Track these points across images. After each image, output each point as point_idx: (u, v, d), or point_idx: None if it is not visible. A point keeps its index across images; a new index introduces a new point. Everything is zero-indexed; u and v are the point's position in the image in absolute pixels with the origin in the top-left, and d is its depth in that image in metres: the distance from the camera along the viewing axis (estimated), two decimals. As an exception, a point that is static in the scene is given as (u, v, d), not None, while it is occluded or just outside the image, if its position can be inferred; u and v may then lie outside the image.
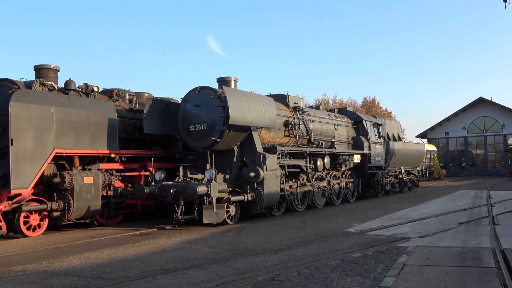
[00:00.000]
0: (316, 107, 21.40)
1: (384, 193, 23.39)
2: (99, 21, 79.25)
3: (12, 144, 11.21)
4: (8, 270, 7.92)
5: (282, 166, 15.03)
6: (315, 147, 17.47)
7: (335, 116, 20.29)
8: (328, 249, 8.87)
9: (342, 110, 22.61)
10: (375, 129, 22.36)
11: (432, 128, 52.56)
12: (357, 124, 21.48)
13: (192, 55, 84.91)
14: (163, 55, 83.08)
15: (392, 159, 23.95)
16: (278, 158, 14.83)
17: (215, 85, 14.99)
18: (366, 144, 20.99)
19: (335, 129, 19.37)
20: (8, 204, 11.40)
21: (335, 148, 18.91)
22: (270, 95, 16.64)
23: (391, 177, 24.60)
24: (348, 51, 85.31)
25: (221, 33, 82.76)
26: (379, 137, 22.61)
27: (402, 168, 25.79)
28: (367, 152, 20.94)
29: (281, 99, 16.80)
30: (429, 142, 50.05)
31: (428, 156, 40.92)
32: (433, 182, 37.67)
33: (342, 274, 6.76)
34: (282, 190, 14.91)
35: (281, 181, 14.88)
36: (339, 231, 11.23)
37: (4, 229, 11.49)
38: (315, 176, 17.42)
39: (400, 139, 26.76)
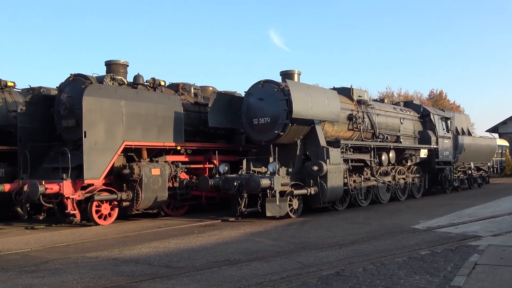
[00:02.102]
0: (381, 100, 20.91)
1: (452, 190, 22.54)
2: (165, 19, 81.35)
3: (85, 137, 11.73)
4: (83, 256, 8.33)
5: (345, 160, 14.82)
6: (379, 141, 17.11)
7: (400, 109, 19.75)
8: (394, 246, 8.68)
9: (408, 104, 21.99)
10: (443, 123, 21.60)
11: (504, 122, 49.90)
12: (424, 117, 20.82)
13: (255, 50, 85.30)
14: (226, 50, 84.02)
15: (461, 154, 23.04)
16: (342, 152, 14.64)
17: (278, 79, 15.00)
18: (433, 138, 20.31)
19: (401, 123, 18.87)
20: (82, 193, 11.99)
21: (400, 142, 18.42)
22: (334, 88, 16.43)
23: (459, 173, 23.69)
24: (413, 42, 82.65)
25: (283, 27, 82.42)
26: (447, 131, 21.81)
27: (472, 163, 24.75)
28: (435, 146, 20.27)
29: (345, 92, 16.54)
30: (500, 136, 47.54)
31: (500, 151, 38.96)
32: (505, 179, 35.85)
33: (409, 271, 6.59)
34: (345, 184, 14.73)
35: (345, 176, 14.69)
36: (405, 228, 10.96)
37: (78, 217, 12.06)
38: (379, 171, 17.07)
39: (469, 134, 25.70)
